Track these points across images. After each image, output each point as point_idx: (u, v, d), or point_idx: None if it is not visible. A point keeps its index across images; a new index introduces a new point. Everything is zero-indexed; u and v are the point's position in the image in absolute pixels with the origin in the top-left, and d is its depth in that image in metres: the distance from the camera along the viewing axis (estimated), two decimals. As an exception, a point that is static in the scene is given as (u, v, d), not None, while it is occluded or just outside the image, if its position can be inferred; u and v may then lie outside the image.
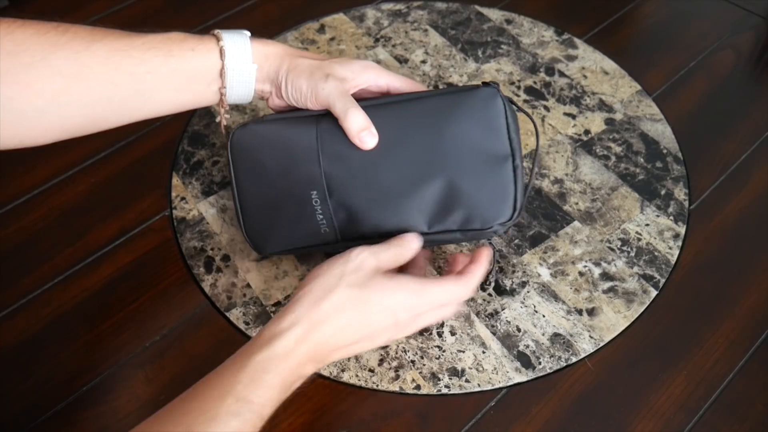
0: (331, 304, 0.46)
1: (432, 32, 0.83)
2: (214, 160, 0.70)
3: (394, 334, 0.49)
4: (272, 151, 0.56)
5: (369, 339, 0.49)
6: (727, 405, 0.55)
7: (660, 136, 0.73)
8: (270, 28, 0.83)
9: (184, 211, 0.66)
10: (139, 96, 0.51)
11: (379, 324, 0.48)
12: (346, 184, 0.54)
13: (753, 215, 0.67)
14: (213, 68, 0.53)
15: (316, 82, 0.53)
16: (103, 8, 0.87)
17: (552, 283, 0.61)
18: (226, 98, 0.55)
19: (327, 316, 0.46)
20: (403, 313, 0.48)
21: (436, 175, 0.52)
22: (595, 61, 0.80)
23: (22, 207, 0.67)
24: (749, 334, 0.59)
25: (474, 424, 0.53)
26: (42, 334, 0.58)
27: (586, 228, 0.65)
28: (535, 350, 0.57)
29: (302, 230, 0.56)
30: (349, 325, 0.46)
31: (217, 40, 0.53)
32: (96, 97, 0.49)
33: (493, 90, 0.54)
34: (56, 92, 0.48)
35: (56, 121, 0.49)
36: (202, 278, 0.61)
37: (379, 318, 0.48)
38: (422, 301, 0.49)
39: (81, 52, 0.48)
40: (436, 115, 0.54)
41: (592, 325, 0.59)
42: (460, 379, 0.55)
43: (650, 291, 0.61)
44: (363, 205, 0.54)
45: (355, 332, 0.47)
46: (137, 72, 0.50)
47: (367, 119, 0.53)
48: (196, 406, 0.42)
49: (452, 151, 0.53)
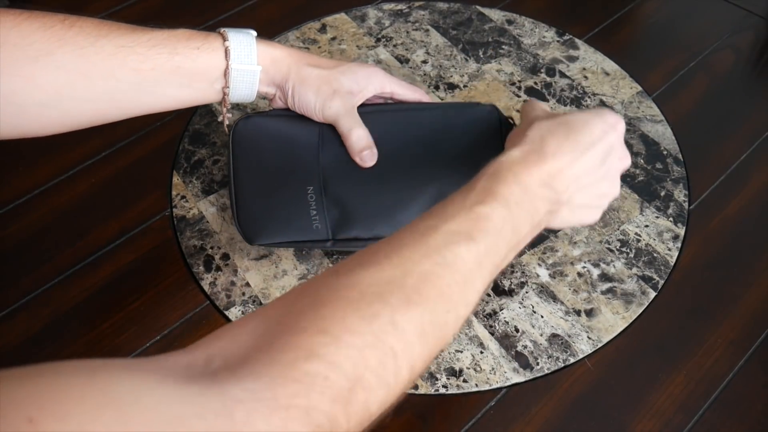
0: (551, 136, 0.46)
1: (433, 32, 0.83)
2: (214, 159, 0.70)
3: (608, 175, 0.48)
4: (273, 144, 0.57)
5: (598, 177, 0.47)
6: (726, 405, 0.55)
7: (660, 137, 0.73)
8: (270, 28, 0.83)
9: (185, 210, 0.66)
10: (141, 92, 0.51)
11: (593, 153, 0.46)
12: (342, 183, 0.55)
13: (753, 215, 0.67)
14: (217, 67, 0.53)
15: (323, 100, 0.56)
16: (104, 8, 0.87)
17: (551, 283, 0.61)
18: (229, 98, 0.55)
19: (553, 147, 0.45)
20: (599, 132, 0.47)
21: (430, 184, 0.55)
22: (596, 62, 0.80)
23: (22, 207, 0.67)
24: (749, 334, 0.59)
25: (474, 424, 0.53)
26: (42, 334, 0.58)
27: (585, 229, 0.65)
28: (533, 351, 0.57)
29: (295, 224, 0.56)
30: (569, 145, 0.45)
31: (223, 39, 0.53)
32: (99, 92, 0.50)
33: (492, 107, 0.58)
34: (59, 87, 0.48)
35: (57, 115, 0.49)
36: (202, 277, 0.61)
37: (588, 138, 0.46)
38: (594, 118, 0.48)
39: (86, 48, 0.48)
40: (437, 126, 0.58)
41: (590, 326, 0.59)
42: (458, 379, 0.55)
43: (649, 292, 0.61)
44: (357, 206, 0.55)
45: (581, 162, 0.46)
46: (141, 68, 0.50)
47: (369, 139, 0.56)
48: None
49: (448, 162, 0.56)
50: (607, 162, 0.47)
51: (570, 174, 0.45)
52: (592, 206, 0.49)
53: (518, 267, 0.62)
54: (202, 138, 0.72)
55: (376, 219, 0.55)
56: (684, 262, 0.63)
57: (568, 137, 0.46)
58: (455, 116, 0.59)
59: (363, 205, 0.55)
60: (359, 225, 0.55)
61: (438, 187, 0.55)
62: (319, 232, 0.56)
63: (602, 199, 0.49)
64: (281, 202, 0.56)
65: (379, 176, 0.56)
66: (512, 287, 0.61)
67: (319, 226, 0.55)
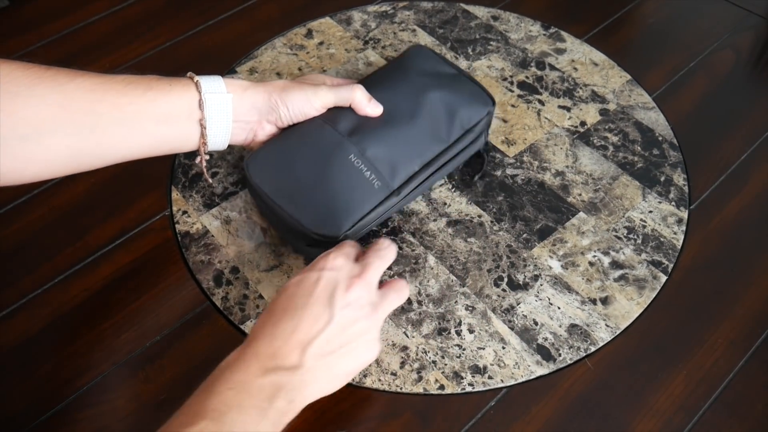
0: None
1: (420, 32, 0.83)
2: (213, 172, 0.69)
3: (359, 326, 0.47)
4: (292, 152, 0.59)
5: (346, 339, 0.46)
6: (727, 405, 0.55)
7: (654, 124, 0.73)
8: (271, 28, 0.83)
9: (188, 225, 0.65)
10: (121, 127, 0.52)
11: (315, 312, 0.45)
12: (371, 138, 0.60)
13: (753, 215, 0.67)
14: (192, 98, 0.55)
15: (313, 91, 0.59)
16: (104, 8, 0.87)
17: (564, 274, 0.61)
18: (207, 130, 0.56)
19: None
20: (311, 284, 0.46)
21: (431, 98, 0.63)
22: (584, 53, 0.81)
23: (22, 207, 0.67)
24: (749, 334, 0.59)
25: (474, 424, 0.53)
26: (42, 334, 0.58)
27: (591, 218, 0.65)
28: (554, 342, 0.57)
29: (359, 193, 0.58)
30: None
31: (191, 78, 0.56)
32: (79, 126, 0.50)
33: None
34: (41, 121, 0.48)
35: (39, 152, 0.49)
36: (213, 292, 0.60)
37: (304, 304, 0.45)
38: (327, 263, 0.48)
39: (66, 84, 0.49)
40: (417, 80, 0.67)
41: (607, 314, 0.59)
42: (483, 376, 0.55)
43: (660, 276, 0.62)
44: (394, 149, 0.61)
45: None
46: (119, 102, 0.51)
47: (366, 92, 0.61)
48: None
49: (430, 86, 0.64)
50: (335, 301, 0.46)
51: (294, 341, 0.44)
52: (358, 347, 0.47)
53: (530, 260, 0.62)
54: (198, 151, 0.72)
55: (411, 151, 0.61)
56: (684, 262, 0.63)
57: (286, 308, 0.45)
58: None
59: (398, 145, 0.61)
60: (404, 162, 0.61)
61: (437, 97, 0.63)
62: (382, 189, 0.59)
63: (363, 335, 0.47)
64: (336, 184, 0.58)
65: (393, 118, 0.62)
66: (526, 281, 0.61)
67: (379, 183, 0.59)
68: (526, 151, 0.71)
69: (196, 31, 0.84)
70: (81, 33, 0.84)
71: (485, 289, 0.61)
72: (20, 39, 0.82)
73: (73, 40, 0.83)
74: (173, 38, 0.83)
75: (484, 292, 0.60)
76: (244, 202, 0.67)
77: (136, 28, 0.85)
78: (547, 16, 0.85)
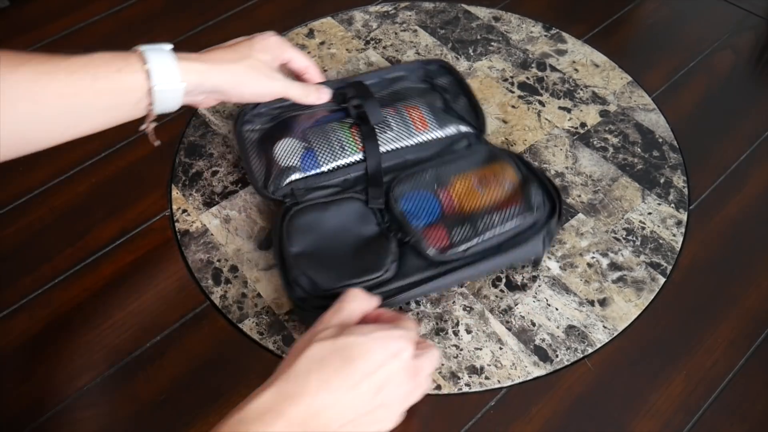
0: None
1: (421, 32, 0.83)
2: (213, 171, 0.69)
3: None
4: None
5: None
6: (727, 405, 0.55)
7: (654, 126, 0.73)
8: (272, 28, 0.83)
9: (187, 224, 0.65)
10: (67, 116, 0.51)
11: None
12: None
13: (752, 215, 0.67)
14: (140, 88, 0.53)
15: (266, 92, 0.62)
16: (104, 8, 0.87)
17: (562, 275, 0.61)
18: (154, 112, 0.55)
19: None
20: (377, 363, 0.44)
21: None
22: (585, 55, 0.81)
23: (22, 207, 0.67)
24: (749, 334, 0.59)
25: (474, 424, 0.53)
26: (42, 334, 0.58)
27: (590, 220, 0.65)
28: (551, 343, 0.57)
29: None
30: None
31: (142, 62, 0.53)
32: (22, 115, 0.49)
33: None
34: None
35: None
36: (211, 290, 0.61)
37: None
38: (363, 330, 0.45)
39: (6, 75, 0.48)
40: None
41: (604, 315, 0.59)
42: (480, 377, 0.55)
43: (658, 278, 0.61)
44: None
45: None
46: (64, 93, 0.50)
47: (307, 85, 0.66)
48: None
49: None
50: (382, 393, 0.44)
51: (332, 413, 0.42)
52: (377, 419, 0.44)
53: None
54: (198, 150, 0.72)
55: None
56: (684, 262, 0.63)
57: (340, 370, 0.43)
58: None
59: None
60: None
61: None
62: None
63: (375, 425, 0.45)
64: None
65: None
66: (525, 282, 0.61)
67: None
68: (526, 152, 0.71)
69: (196, 31, 0.84)
70: (81, 33, 0.84)
71: (483, 290, 0.60)
72: (20, 39, 0.82)
73: (73, 41, 0.83)
74: (173, 38, 0.83)
75: (482, 292, 0.60)
76: (244, 201, 0.67)
77: (136, 29, 0.85)
78: (548, 16, 0.85)
